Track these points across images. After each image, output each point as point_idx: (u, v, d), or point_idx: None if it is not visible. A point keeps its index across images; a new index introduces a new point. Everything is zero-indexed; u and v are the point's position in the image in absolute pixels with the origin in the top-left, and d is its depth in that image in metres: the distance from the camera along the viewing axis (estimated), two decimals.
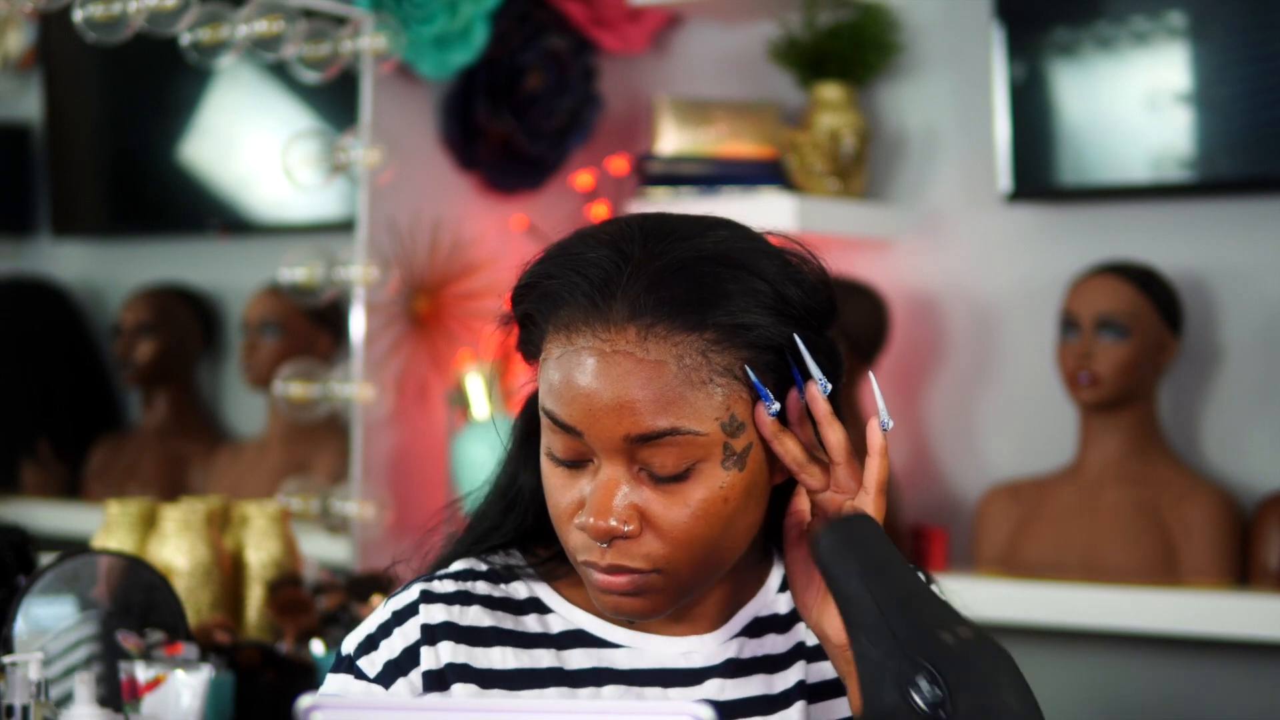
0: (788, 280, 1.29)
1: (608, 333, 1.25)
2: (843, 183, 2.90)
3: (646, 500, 1.27)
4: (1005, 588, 2.66)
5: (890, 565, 1.24)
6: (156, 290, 3.03)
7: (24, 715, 1.72)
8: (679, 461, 1.25)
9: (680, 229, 1.30)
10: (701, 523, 1.26)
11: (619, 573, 1.27)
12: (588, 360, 1.25)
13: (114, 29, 2.28)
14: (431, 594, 1.36)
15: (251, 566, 2.36)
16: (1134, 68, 2.74)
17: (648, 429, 1.24)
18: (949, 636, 1.18)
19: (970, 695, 1.15)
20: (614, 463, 1.26)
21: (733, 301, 1.26)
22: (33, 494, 2.99)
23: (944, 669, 1.16)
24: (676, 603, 1.31)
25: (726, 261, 1.27)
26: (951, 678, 1.16)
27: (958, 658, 1.17)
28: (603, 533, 1.26)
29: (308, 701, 0.98)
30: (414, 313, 2.79)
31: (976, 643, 1.18)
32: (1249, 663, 2.58)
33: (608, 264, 1.26)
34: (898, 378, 2.99)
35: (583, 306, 1.26)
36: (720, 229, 1.32)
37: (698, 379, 1.24)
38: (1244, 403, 2.73)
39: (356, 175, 2.66)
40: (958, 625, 1.19)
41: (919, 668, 1.17)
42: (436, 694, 1.32)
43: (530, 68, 2.93)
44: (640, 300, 1.25)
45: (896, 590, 1.22)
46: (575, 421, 1.26)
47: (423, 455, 2.80)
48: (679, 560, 1.27)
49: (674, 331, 1.24)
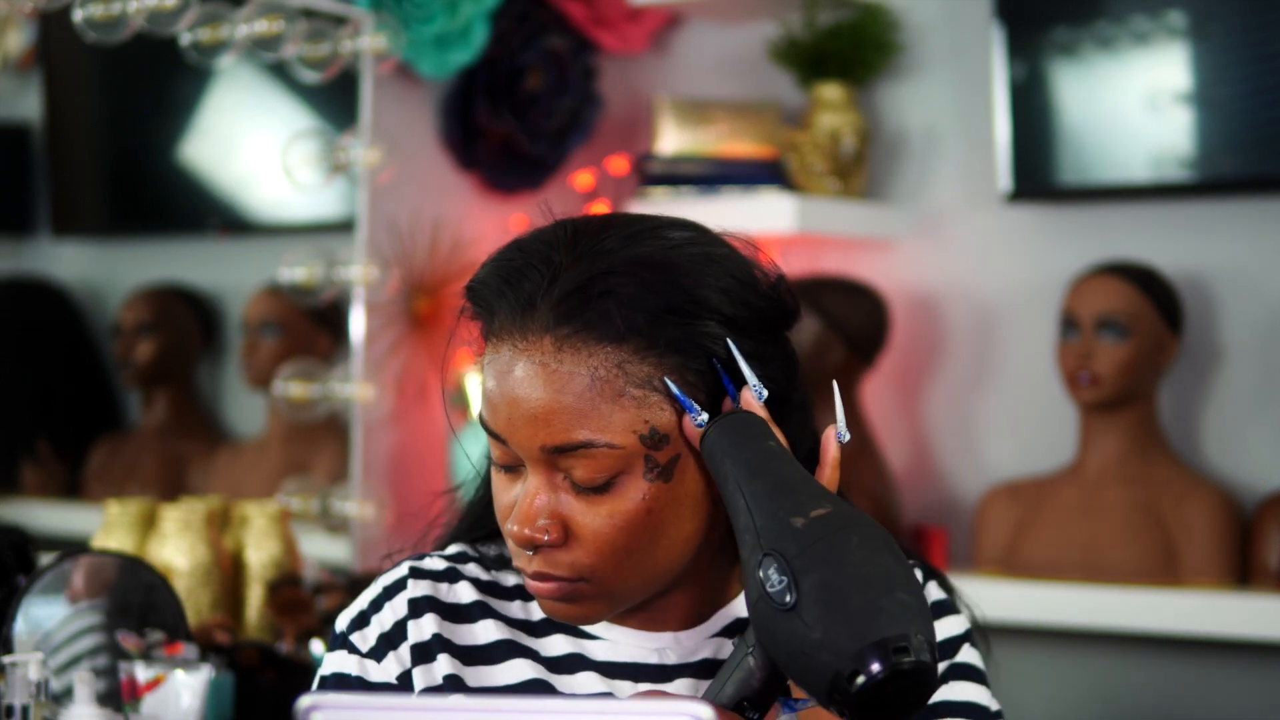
0: (733, 284, 1.27)
1: (525, 343, 1.25)
2: (843, 183, 2.90)
3: (569, 509, 1.26)
4: (1005, 588, 2.66)
5: (767, 460, 1.21)
6: (156, 290, 3.03)
7: (24, 715, 1.72)
8: (598, 473, 1.25)
9: (618, 234, 1.28)
10: (624, 533, 1.25)
11: (545, 580, 1.28)
12: (508, 370, 1.26)
13: (114, 29, 2.28)
14: (420, 570, 1.38)
15: (251, 566, 2.36)
16: (1134, 68, 2.74)
17: (562, 441, 1.24)
18: (800, 520, 1.15)
19: (816, 574, 1.12)
20: (537, 471, 1.27)
21: (654, 311, 1.24)
22: (33, 494, 2.99)
23: (791, 554, 1.13)
24: (615, 609, 1.31)
25: (660, 268, 1.25)
26: (798, 562, 1.13)
27: (805, 539, 1.14)
28: (524, 540, 1.27)
29: (308, 701, 0.98)
30: (414, 313, 2.79)
31: (826, 520, 1.15)
32: (1249, 663, 2.58)
33: (533, 274, 1.26)
34: (898, 378, 2.99)
35: (506, 316, 1.26)
36: (669, 231, 1.29)
37: (611, 391, 1.23)
38: (1244, 403, 2.73)
39: (356, 175, 2.66)
40: (814, 507, 1.16)
41: (769, 556, 1.14)
42: (437, 694, 1.33)
43: (530, 68, 2.93)
44: (557, 311, 1.24)
45: (764, 484, 1.19)
46: (499, 429, 1.27)
47: (423, 455, 2.80)
48: (604, 570, 1.27)
49: (589, 343, 1.24)
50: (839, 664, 1.10)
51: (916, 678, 1.10)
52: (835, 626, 1.10)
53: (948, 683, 1.37)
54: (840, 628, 1.10)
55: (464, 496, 1.46)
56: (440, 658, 1.34)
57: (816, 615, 1.11)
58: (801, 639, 1.12)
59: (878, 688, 1.09)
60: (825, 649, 1.10)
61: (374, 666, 1.35)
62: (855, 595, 1.11)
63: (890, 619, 1.10)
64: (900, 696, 1.11)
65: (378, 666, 1.34)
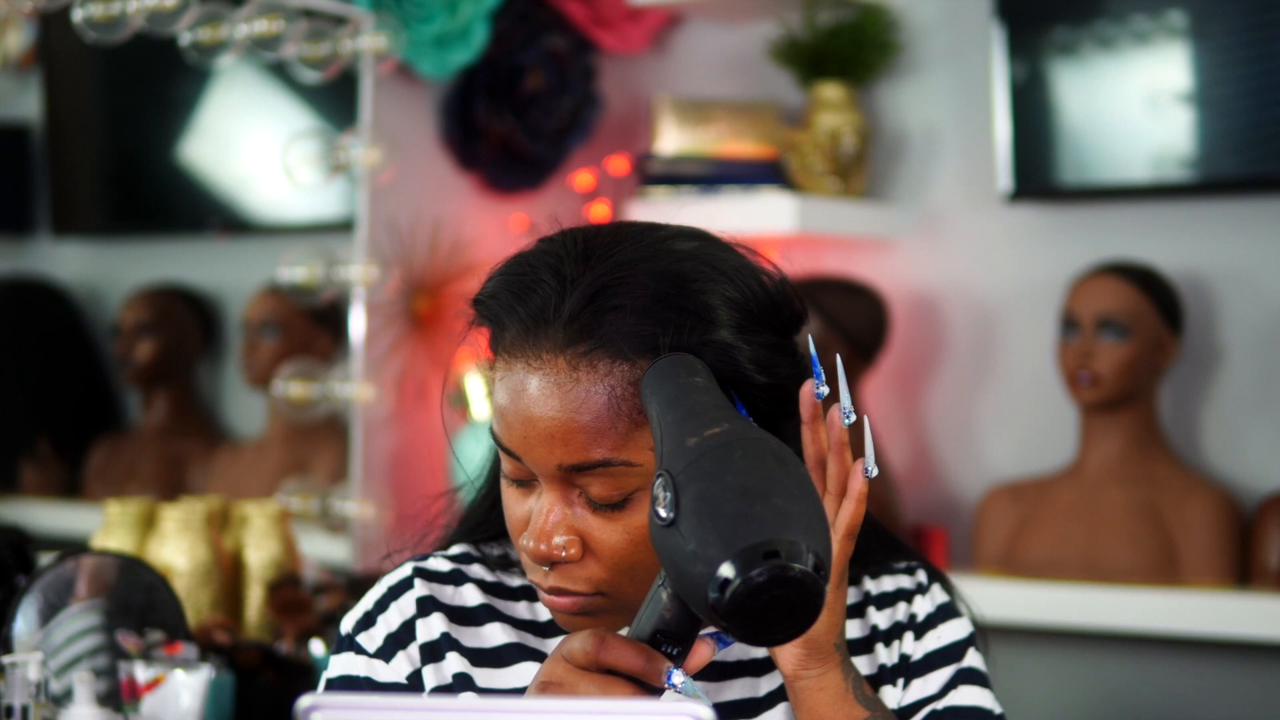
0: (741, 292, 1.27)
1: (540, 361, 1.23)
2: (843, 182, 2.90)
3: (586, 525, 1.25)
4: (1005, 588, 2.66)
5: (686, 392, 1.18)
6: (156, 290, 3.03)
7: (24, 715, 1.72)
8: (615, 491, 1.24)
9: (628, 246, 1.27)
10: (642, 549, 1.25)
11: (561, 595, 1.27)
12: (523, 388, 1.24)
13: (114, 29, 2.28)
14: (424, 570, 1.38)
15: (251, 566, 2.36)
16: (1134, 67, 2.74)
17: (580, 460, 1.23)
18: (694, 439, 1.12)
19: (695, 487, 1.08)
20: (553, 488, 1.25)
21: (667, 325, 1.23)
22: (33, 494, 2.99)
23: (677, 469, 1.10)
24: (629, 621, 1.30)
25: (670, 280, 1.24)
26: (681, 477, 1.09)
27: (693, 454, 1.10)
28: (541, 556, 1.26)
29: (308, 701, 0.97)
30: (414, 313, 2.79)
31: (716, 437, 1.11)
32: (1249, 663, 2.58)
33: (544, 289, 1.25)
34: (898, 378, 2.99)
35: (518, 332, 1.25)
36: (679, 241, 1.29)
37: (629, 409, 1.22)
38: (1244, 403, 2.73)
39: (356, 175, 2.66)
40: (710, 428, 1.12)
41: (661, 476, 1.11)
42: (447, 694, 1.33)
43: (530, 67, 2.93)
44: (571, 328, 1.23)
45: (676, 414, 1.16)
46: (513, 446, 1.25)
47: (423, 455, 2.79)
48: (621, 584, 1.26)
49: (604, 360, 1.22)
50: (711, 573, 1.05)
51: (795, 585, 1.04)
52: (706, 536, 1.06)
53: (955, 687, 1.37)
54: (710, 536, 1.06)
55: (464, 498, 1.46)
56: (449, 656, 1.34)
57: (691, 527, 1.07)
58: (680, 553, 1.08)
59: (752, 595, 1.04)
60: (699, 559, 1.06)
61: (382, 667, 1.34)
62: (727, 504, 1.06)
63: (761, 524, 1.05)
64: (783, 605, 1.05)
65: (386, 666, 1.34)
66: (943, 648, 1.39)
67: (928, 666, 1.38)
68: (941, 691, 1.37)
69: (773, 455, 1.10)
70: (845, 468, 1.26)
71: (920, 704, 1.37)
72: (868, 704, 1.28)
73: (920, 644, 1.38)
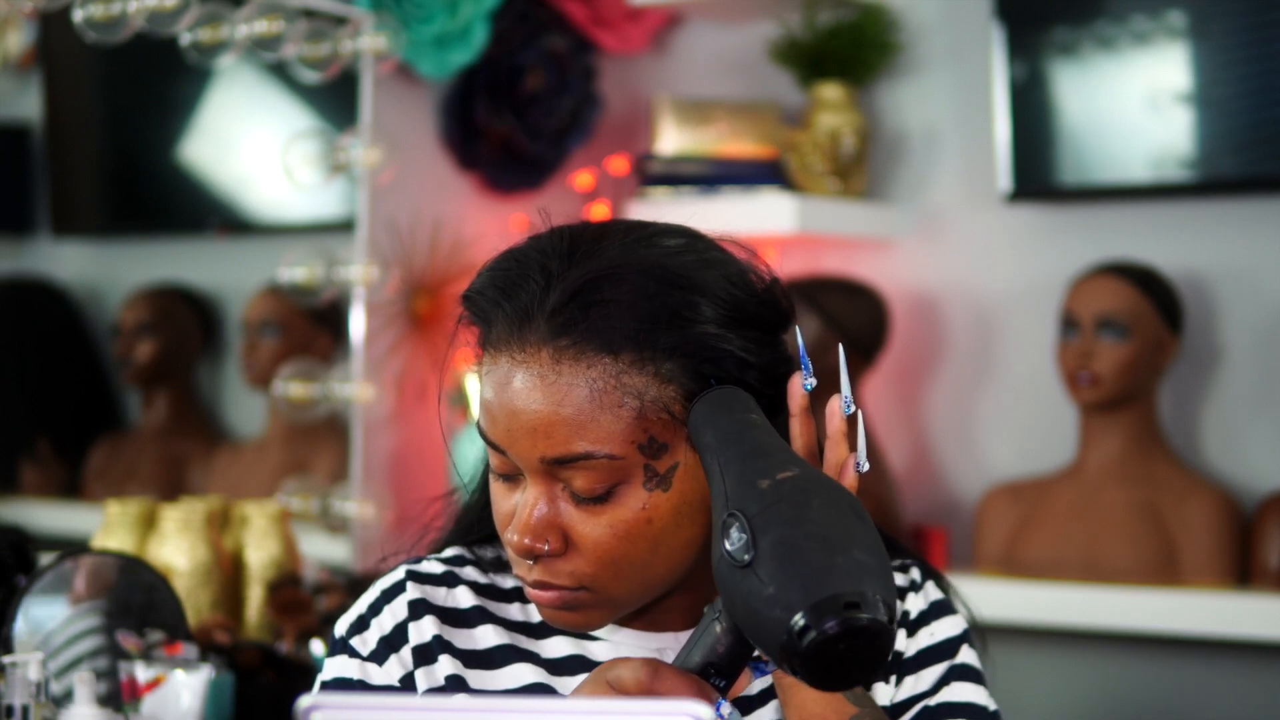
0: (728, 289, 1.28)
1: (523, 354, 1.25)
2: (843, 183, 2.90)
3: (569, 519, 1.26)
4: (1005, 588, 2.66)
5: (745, 429, 1.20)
6: (156, 290, 3.03)
7: (24, 715, 1.72)
8: (598, 483, 1.25)
9: (613, 242, 1.28)
10: (625, 542, 1.26)
11: (545, 589, 1.28)
12: (506, 381, 1.26)
13: (114, 29, 2.28)
14: (417, 573, 1.38)
15: (251, 566, 2.36)
16: (1134, 68, 2.74)
17: (562, 453, 1.24)
18: (766, 482, 1.14)
19: (774, 532, 1.11)
20: (537, 482, 1.27)
21: (650, 320, 1.24)
22: (33, 494, 2.99)
23: (753, 512, 1.12)
24: (616, 615, 1.31)
25: (655, 275, 1.26)
26: (758, 520, 1.11)
27: (768, 498, 1.13)
28: (524, 550, 1.27)
29: (308, 701, 0.98)
30: (414, 313, 2.79)
31: (791, 481, 1.14)
32: (1249, 663, 2.58)
33: (529, 284, 1.26)
34: (898, 378, 2.99)
35: (504, 327, 1.27)
36: (664, 238, 1.30)
37: (610, 402, 1.23)
38: (1244, 403, 2.73)
39: (356, 175, 2.66)
40: (781, 471, 1.15)
41: (732, 516, 1.13)
42: (436, 694, 1.33)
43: (530, 68, 2.93)
44: (554, 322, 1.24)
45: (738, 451, 1.18)
46: (498, 439, 1.27)
47: (422, 455, 2.79)
48: (604, 578, 1.27)
49: (587, 354, 1.24)
50: (789, 619, 1.08)
51: (870, 637, 1.08)
52: (789, 582, 1.09)
53: (948, 684, 1.37)
54: (793, 583, 1.08)
55: (460, 500, 1.46)
56: (442, 659, 1.34)
57: (770, 571, 1.10)
58: (756, 595, 1.10)
59: (829, 644, 1.07)
60: (777, 604, 1.08)
61: (375, 670, 1.35)
62: (810, 552, 1.10)
63: (843, 575, 1.08)
64: (855, 656, 1.08)
65: (379, 669, 1.34)
66: (935, 644, 1.39)
67: (920, 663, 1.38)
68: (934, 688, 1.37)
69: (848, 505, 1.14)
70: (842, 457, 1.27)
71: (912, 700, 1.37)
72: (858, 701, 1.28)
73: (913, 641, 1.39)
